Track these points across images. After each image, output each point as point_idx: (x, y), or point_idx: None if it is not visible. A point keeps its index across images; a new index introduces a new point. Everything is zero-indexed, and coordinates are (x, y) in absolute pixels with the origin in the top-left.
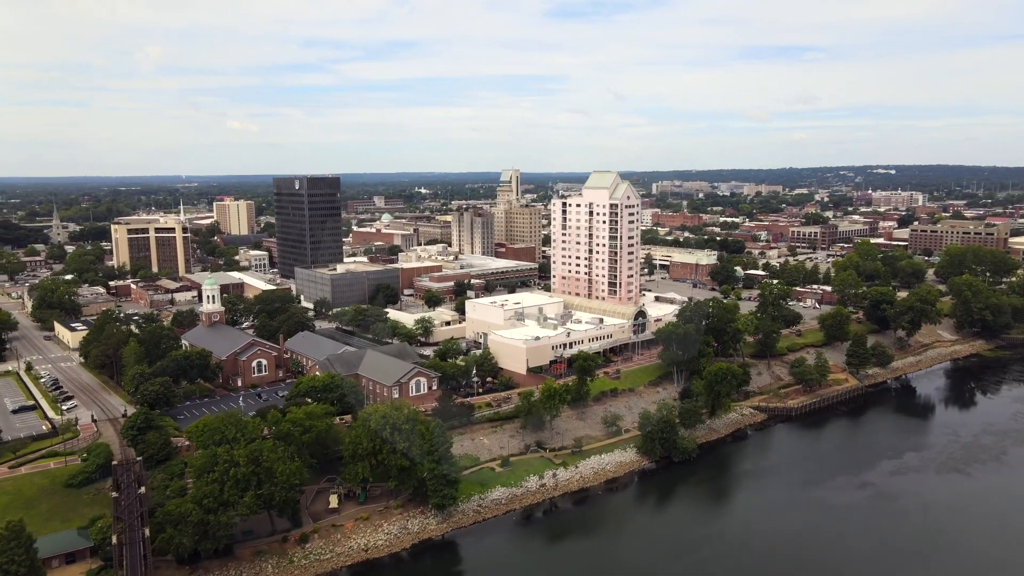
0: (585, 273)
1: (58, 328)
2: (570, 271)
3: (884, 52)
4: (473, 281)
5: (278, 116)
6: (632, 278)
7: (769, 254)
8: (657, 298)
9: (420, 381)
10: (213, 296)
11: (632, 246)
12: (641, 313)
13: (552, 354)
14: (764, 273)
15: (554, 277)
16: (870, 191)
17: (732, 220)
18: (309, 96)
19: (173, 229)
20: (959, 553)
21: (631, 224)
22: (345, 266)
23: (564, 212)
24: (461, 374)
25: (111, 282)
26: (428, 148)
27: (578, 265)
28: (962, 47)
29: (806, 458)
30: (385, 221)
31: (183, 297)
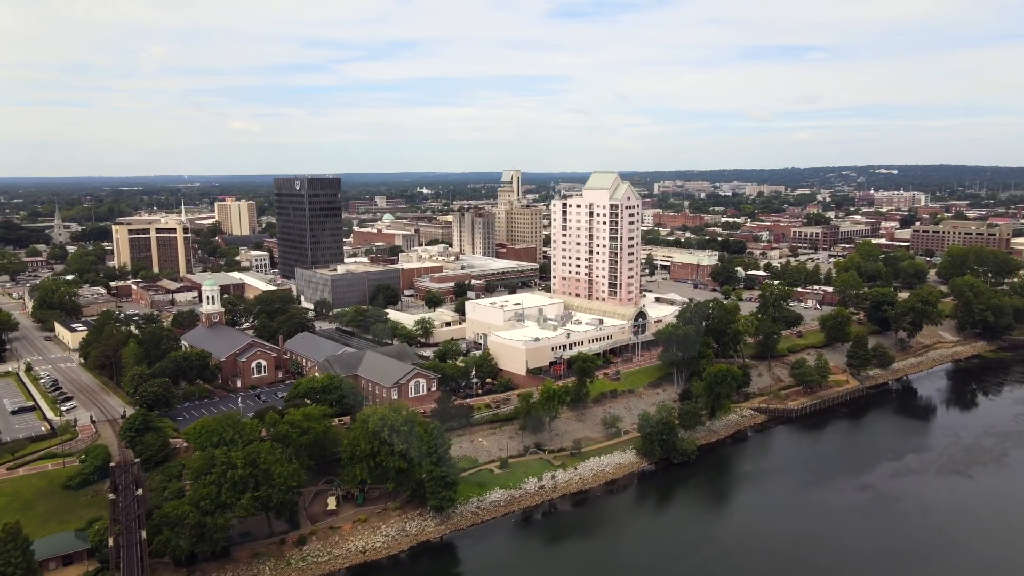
0: (585, 274)
1: (58, 329)
2: (570, 272)
3: (885, 52)
4: (474, 282)
5: (280, 116)
6: (632, 279)
7: (770, 255)
8: (657, 299)
9: (419, 382)
10: (213, 297)
11: (632, 247)
12: (641, 314)
13: (552, 355)
14: (765, 274)
15: (554, 278)
16: (872, 191)
17: (734, 220)
18: (311, 96)
19: (174, 229)
20: (959, 555)
21: (631, 225)
22: (345, 266)
23: (564, 213)
24: (460, 375)
25: (112, 282)
26: (430, 148)
27: (578, 266)
28: (963, 47)
29: (806, 460)
30: (386, 221)
31: (184, 298)
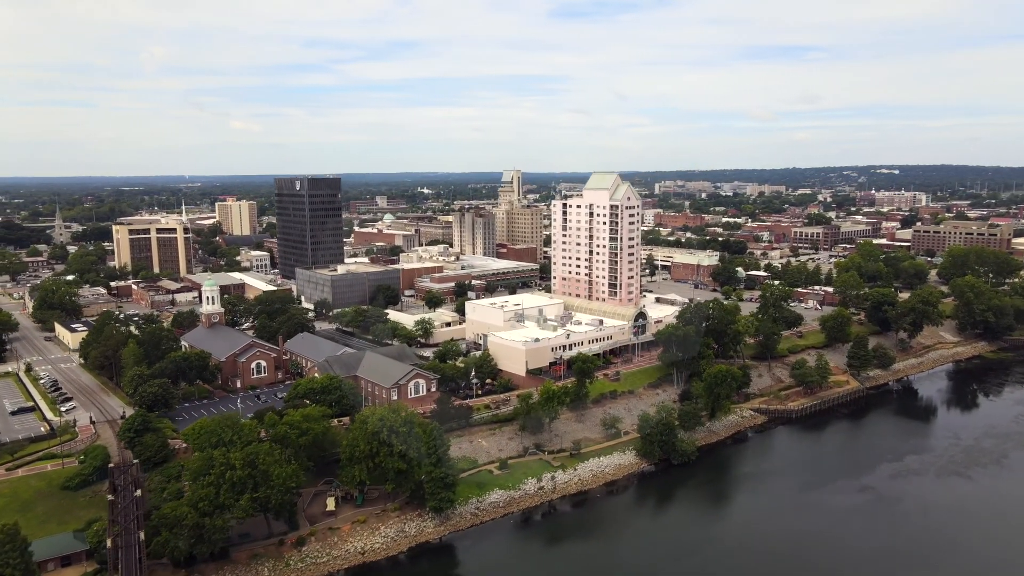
0: (585, 274)
1: (58, 329)
2: (570, 272)
3: (885, 52)
4: (474, 282)
5: (281, 116)
6: (632, 279)
7: (771, 255)
8: (658, 299)
9: (419, 383)
10: (213, 297)
11: (632, 247)
12: (641, 315)
13: (551, 356)
14: (766, 274)
15: (554, 278)
16: (873, 191)
17: (734, 220)
18: (312, 96)
19: (175, 229)
20: (959, 556)
21: (631, 225)
22: (345, 267)
23: (564, 213)
24: (460, 376)
25: (112, 283)
26: (431, 148)
27: (578, 266)
28: (963, 47)
29: (806, 461)
30: (387, 221)
31: (184, 298)
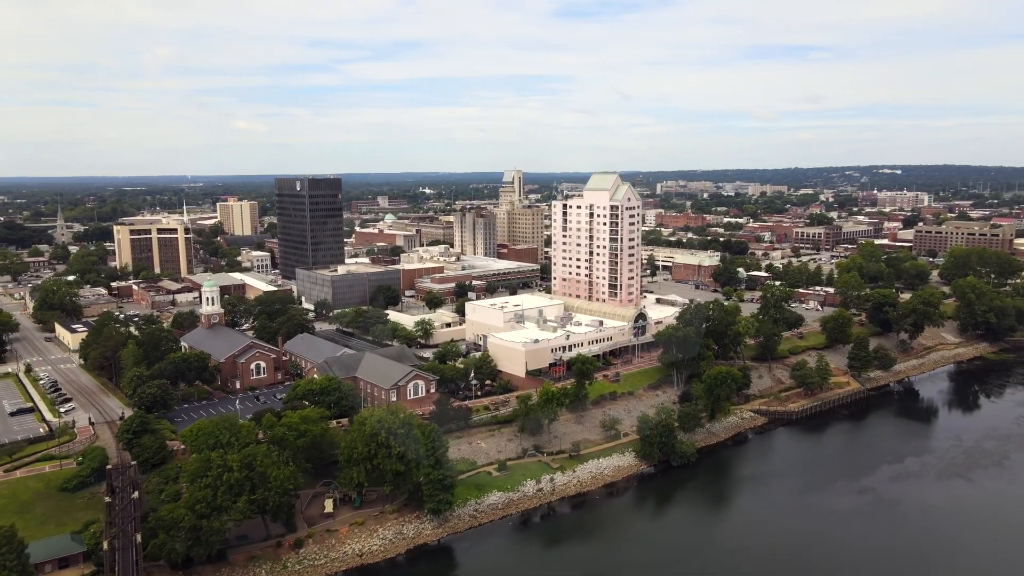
0: (586, 275)
1: (58, 329)
2: (570, 273)
3: (888, 52)
4: (474, 282)
5: (285, 116)
6: (632, 280)
7: (772, 255)
8: (658, 300)
9: (418, 384)
10: (212, 298)
11: (632, 248)
12: (641, 315)
13: (551, 357)
14: (767, 274)
15: (555, 279)
16: (876, 191)
17: (736, 221)
18: (316, 96)
19: (176, 230)
20: (960, 557)
21: (631, 226)
22: (346, 267)
23: (565, 214)
24: (460, 377)
25: (113, 283)
26: (433, 148)
27: (578, 267)
28: (964, 47)
29: (806, 462)
30: (388, 222)
31: (184, 298)
